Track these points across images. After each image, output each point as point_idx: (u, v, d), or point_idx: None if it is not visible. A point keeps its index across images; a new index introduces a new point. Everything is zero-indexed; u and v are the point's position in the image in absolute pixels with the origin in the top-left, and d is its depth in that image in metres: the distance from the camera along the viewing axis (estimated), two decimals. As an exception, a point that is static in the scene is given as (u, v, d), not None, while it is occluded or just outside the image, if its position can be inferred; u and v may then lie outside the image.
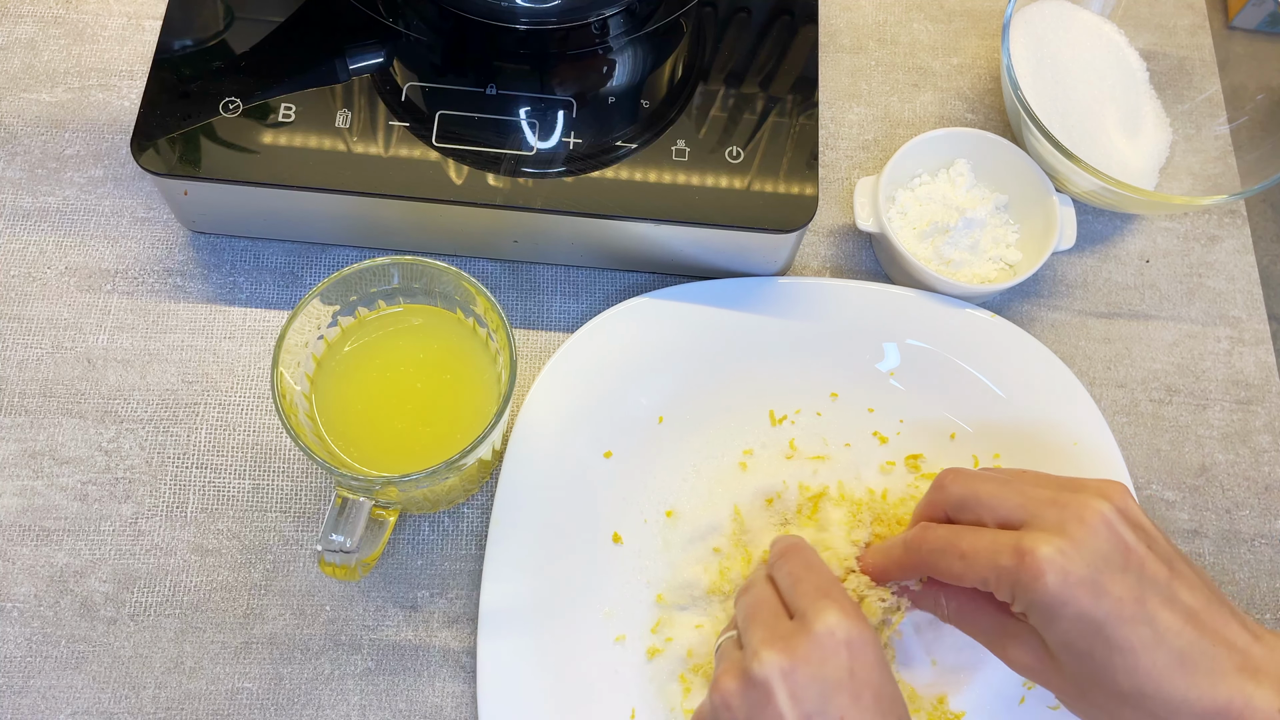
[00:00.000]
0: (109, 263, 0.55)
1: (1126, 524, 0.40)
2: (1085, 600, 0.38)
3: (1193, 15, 0.64)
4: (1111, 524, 0.39)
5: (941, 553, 0.42)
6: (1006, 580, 0.39)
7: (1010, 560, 0.39)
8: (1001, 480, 0.43)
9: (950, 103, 0.62)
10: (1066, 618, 0.38)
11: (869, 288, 0.55)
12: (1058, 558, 0.38)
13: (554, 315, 0.56)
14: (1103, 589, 0.38)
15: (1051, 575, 0.38)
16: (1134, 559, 0.39)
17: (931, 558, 0.42)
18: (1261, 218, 1.22)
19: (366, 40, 0.54)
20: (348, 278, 0.45)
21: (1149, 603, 0.38)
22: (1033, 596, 0.38)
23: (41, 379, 0.53)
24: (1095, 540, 0.39)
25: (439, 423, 0.47)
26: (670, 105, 0.54)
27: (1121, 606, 0.38)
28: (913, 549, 0.44)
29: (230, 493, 0.51)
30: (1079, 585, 0.38)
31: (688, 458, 0.52)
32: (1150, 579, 0.39)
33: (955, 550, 0.41)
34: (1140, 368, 0.57)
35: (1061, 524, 0.39)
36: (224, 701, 0.48)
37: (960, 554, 0.41)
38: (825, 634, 0.39)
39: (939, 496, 0.44)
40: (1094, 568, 0.38)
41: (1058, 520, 0.39)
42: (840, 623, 0.39)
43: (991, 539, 0.40)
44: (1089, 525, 0.39)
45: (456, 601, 0.50)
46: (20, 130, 0.58)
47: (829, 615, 0.39)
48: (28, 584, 0.49)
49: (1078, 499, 0.40)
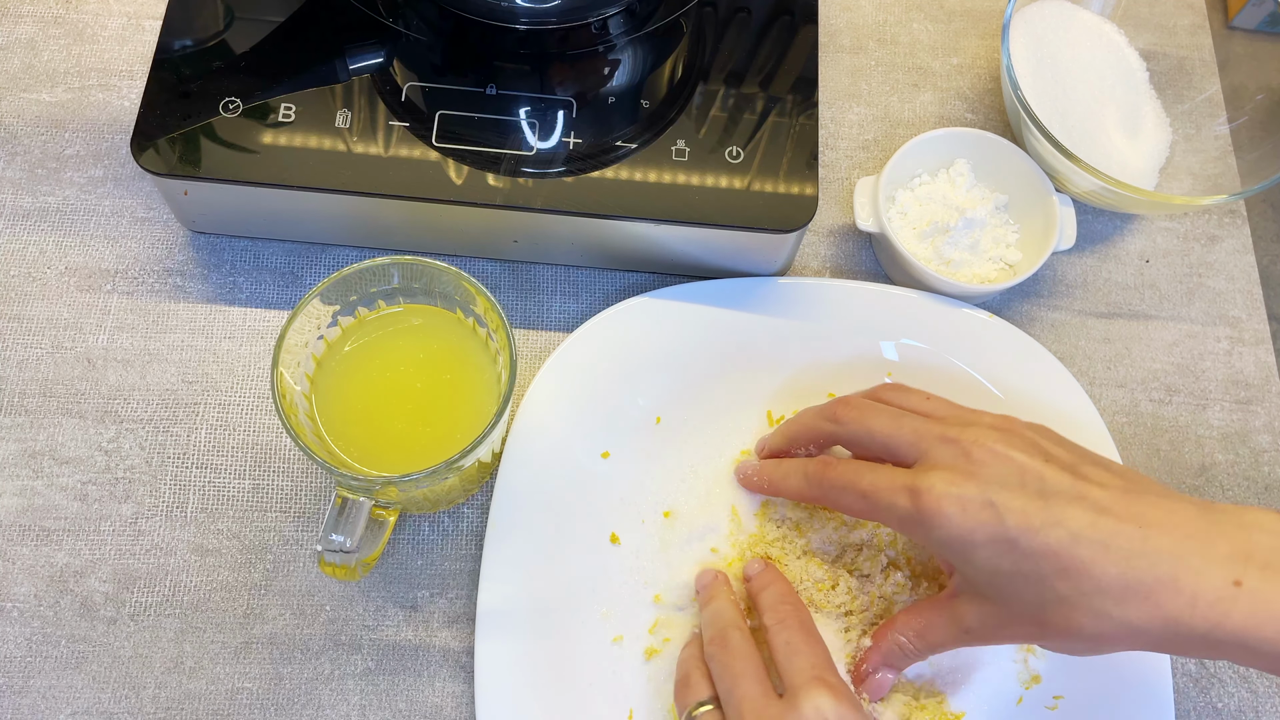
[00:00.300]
0: (109, 263, 0.55)
1: (1016, 447, 0.39)
2: (990, 523, 0.37)
3: (1193, 15, 0.64)
4: (998, 450, 0.39)
5: (842, 489, 0.42)
6: (908, 519, 0.39)
7: (907, 501, 0.39)
8: (893, 415, 0.43)
9: (950, 103, 0.62)
10: (979, 545, 0.38)
11: (869, 288, 0.55)
12: (951, 489, 0.38)
13: (554, 315, 0.56)
14: (1003, 507, 0.37)
15: (949, 508, 0.38)
16: (1030, 475, 0.38)
17: (833, 493, 0.43)
18: (1261, 218, 1.22)
19: (366, 40, 0.54)
20: (348, 278, 0.45)
21: (1054, 507, 0.37)
22: (939, 534, 0.38)
23: (41, 379, 0.53)
24: (985, 468, 0.39)
25: (439, 423, 0.47)
26: (670, 105, 0.54)
27: (1027, 518, 0.37)
28: (814, 482, 0.44)
29: (230, 493, 0.51)
30: (979, 510, 0.38)
31: (685, 458, 0.52)
32: (1051, 487, 0.38)
33: (856, 489, 0.41)
34: (1140, 368, 0.57)
35: (951, 458, 0.39)
36: (224, 701, 0.48)
37: (861, 493, 0.41)
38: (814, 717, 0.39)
39: (832, 429, 0.44)
40: (989, 491, 0.38)
41: (948, 455, 0.40)
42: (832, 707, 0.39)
43: (889, 478, 0.40)
44: (976, 455, 0.39)
45: (456, 601, 0.50)
46: (20, 130, 0.58)
47: (819, 699, 0.39)
48: (28, 584, 0.49)
49: (968, 432, 0.40)
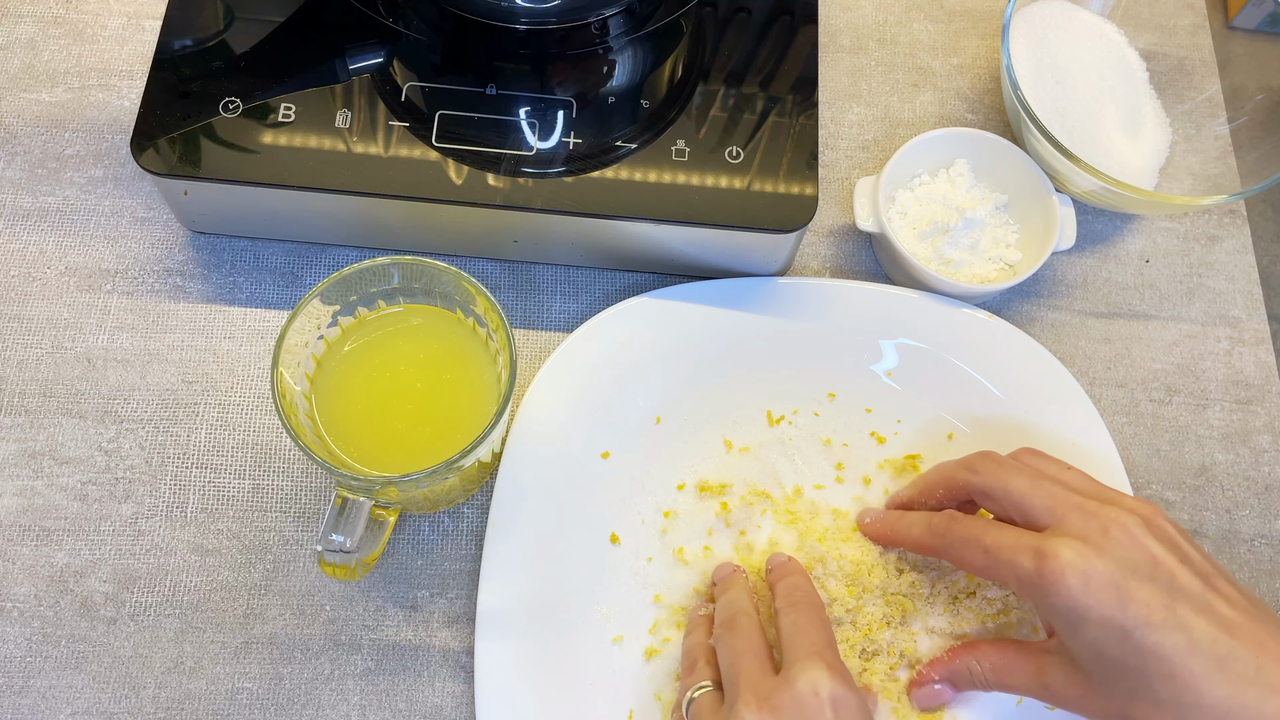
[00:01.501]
0: (109, 263, 0.55)
1: (1155, 538, 0.39)
2: (1110, 605, 0.37)
3: (1193, 15, 0.64)
4: (1137, 536, 0.38)
5: (965, 543, 0.41)
6: (1028, 582, 0.39)
7: (1031, 562, 0.38)
8: (1033, 476, 0.42)
9: (950, 103, 0.62)
10: (1092, 623, 0.37)
11: (868, 288, 0.55)
12: (1079, 561, 0.37)
13: (553, 315, 0.56)
14: (1128, 594, 0.37)
15: (1073, 579, 0.37)
16: (1162, 570, 0.38)
17: (955, 546, 0.42)
18: (1261, 218, 1.22)
19: (366, 40, 0.54)
20: (348, 278, 0.45)
21: (1179, 610, 0.37)
22: (1055, 601, 0.38)
23: (41, 379, 0.53)
24: (1120, 549, 0.38)
25: (439, 423, 0.47)
26: (670, 105, 0.54)
27: (1150, 612, 0.37)
28: (937, 533, 0.43)
29: (230, 493, 0.51)
30: (1102, 589, 0.37)
31: (685, 458, 0.52)
32: (1181, 589, 0.37)
33: (979, 544, 0.41)
34: (1140, 368, 0.57)
35: (1085, 530, 0.39)
36: (224, 701, 0.48)
37: (984, 548, 0.40)
38: (809, 693, 0.38)
39: (967, 478, 0.44)
40: (1118, 573, 0.37)
41: (1082, 526, 0.39)
42: (825, 681, 0.38)
43: (1015, 538, 0.40)
44: (1113, 534, 0.38)
45: (456, 601, 0.50)
46: (20, 130, 0.58)
47: (814, 672, 0.39)
48: (28, 584, 0.49)
49: (1105, 509, 0.39)
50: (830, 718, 0.38)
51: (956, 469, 0.45)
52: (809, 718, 0.38)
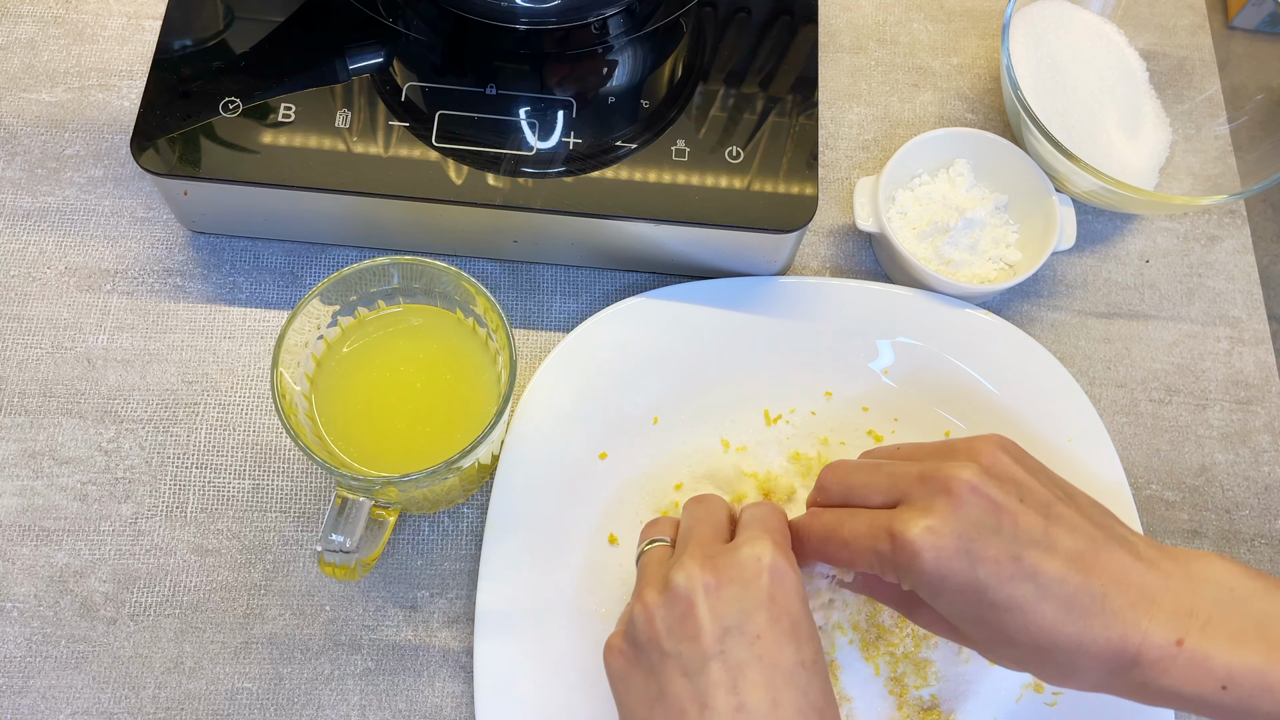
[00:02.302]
0: (109, 263, 0.55)
1: (994, 482, 0.39)
2: (962, 571, 0.38)
3: (1193, 15, 0.64)
4: (977, 488, 0.39)
5: (827, 540, 0.42)
6: (888, 564, 0.40)
7: (886, 544, 0.39)
8: (872, 466, 0.43)
9: (950, 103, 0.62)
10: (949, 590, 0.38)
11: (869, 287, 0.55)
12: (928, 535, 0.38)
13: (553, 315, 0.56)
14: (976, 555, 0.38)
15: (926, 553, 0.38)
16: (1006, 517, 0.39)
17: (819, 545, 0.43)
18: (1261, 218, 1.22)
19: (366, 40, 0.54)
20: (348, 278, 0.45)
21: (1026, 558, 0.38)
22: (915, 577, 0.39)
23: (41, 379, 0.53)
24: (963, 508, 0.39)
25: (439, 423, 0.47)
26: (670, 105, 0.54)
27: (999, 568, 0.38)
28: (801, 536, 0.44)
29: (230, 493, 0.51)
30: (953, 557, 0.38)
31: (683, 458, 0.52)
32: (1025, 533, 0.38)
33: (838, 538, 0.42)
34: (1140, 368, 0.57)
35: (929, 499, 0.39)
36: (224, 701, 0.48)
37: (843, 541, 0.41)
38: (751, 558, 0.40)
39: (820, 497, 0.45)
40: (964, 536, 0.38)
41: (925, 496, 0.40)
42: (769, 552, 0.40)
43: (869, 522, 0.41)
44: (955, 495, 0.39)
45: (456, 601, 0.50)
46: (20, 130, 0.58)
47: (760, 544, 0.40)
48: (28, 584, 0.49)
49: (942, 469, 0.40)
50: (766, 583, 0.39)
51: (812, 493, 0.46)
52: (746, 579, 0.39)
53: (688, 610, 0.39)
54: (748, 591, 0.39)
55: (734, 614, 0.38)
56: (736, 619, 0.38)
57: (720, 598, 0.39)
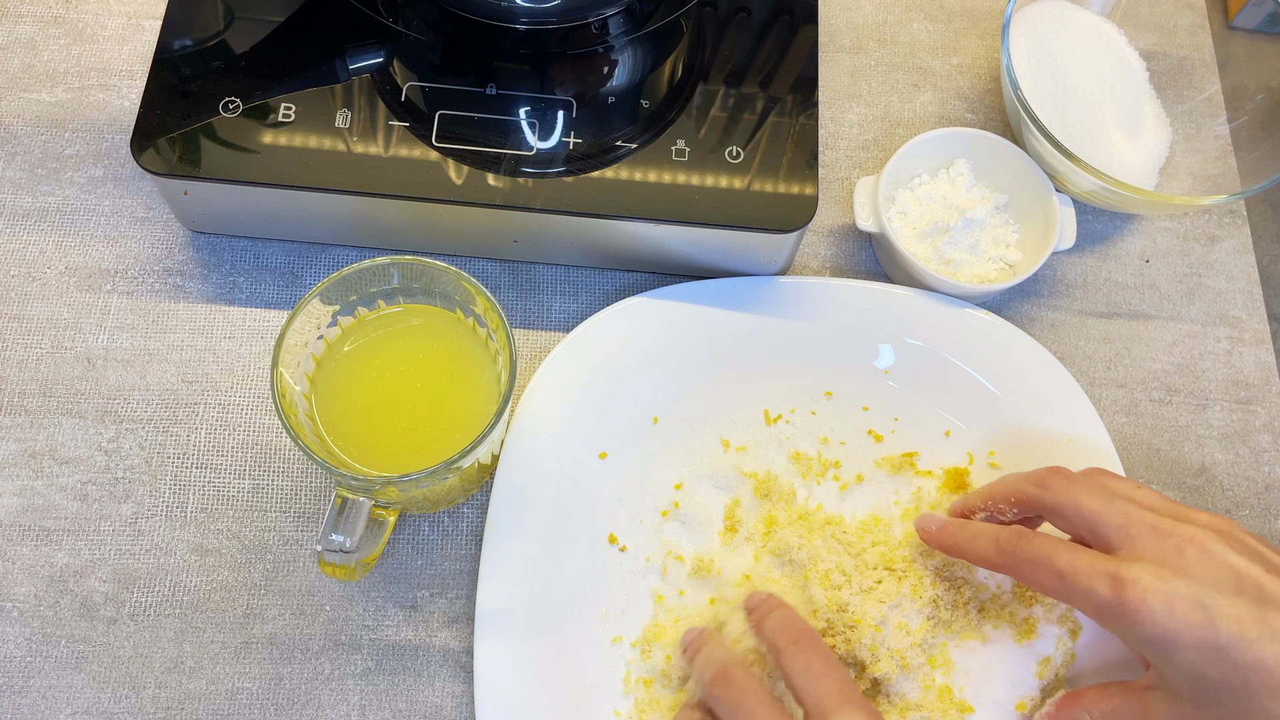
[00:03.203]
0: (109, 263, 0.55)
1: (1234, 550, 0.37)
2: (1200, 626, 0.35)
3: (1193, 15, 0.64)
4: (1215, 552, 0.37)
5: (1036, 564, 0.40)
6: (1108, 612, 0.37)
7: (1109, 590, 0.37)
8: (1105, 494, 0.41)
9: (950, 103, 0.62)
10: (1184, 648, 0.36)
11: (869, 287, 0.55)
12: (1159, 585, 0.36)
13: (553, 315, 0.56)
14: (1216, 612, 0.35)
15: (1157, 605, 0.36)
16: (1248, 582, 0.36)
17: (1024, 567, 0.40)
18: (1261, 218, 1.22)
19: (366, 40, 0.54)
20: (348, 278, 0.45)
21: (1273, 620, 0.35)
22: (1142, 630, 0.36)
23: (41, 379, 0.53)
24: (1199, 567, 0.36)
25: (439, 423, 0.47)
26: (670, 105, 0.54)
27: (1243, 627, 0.35)
28: (1006, 551, 0.41)
29: (230, 493, 0.51)
30: (1189, 611, 0.36)
31: (682, 458, 0.52)
32: (1271, 598, 0.36)
33: (1052, 567, 0.39)
34: (1140, 368, 0.57)
35: (1161, 551, 0.37)
36: (224, 701, 0.48)
37: (1057, 572, 0.39)
38: None
39: (1036, 493, 0.42)
40: (1202, 592, 0.36)
41: (1158, 546, 0.37)
42: None
43: (1090, 562, 0.38)
44: (1190, 553, 0.37)
45: (456, 601, 0.50)
46: (20, 130, 0.58)
47: None
48: (28, 584, 0.49)
49: (1180, 527, 0.38)
50: None
51: (1025, 483, 0.43)
52: None
53: None
54: None
55: None
56: None
57: None
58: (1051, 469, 0.43)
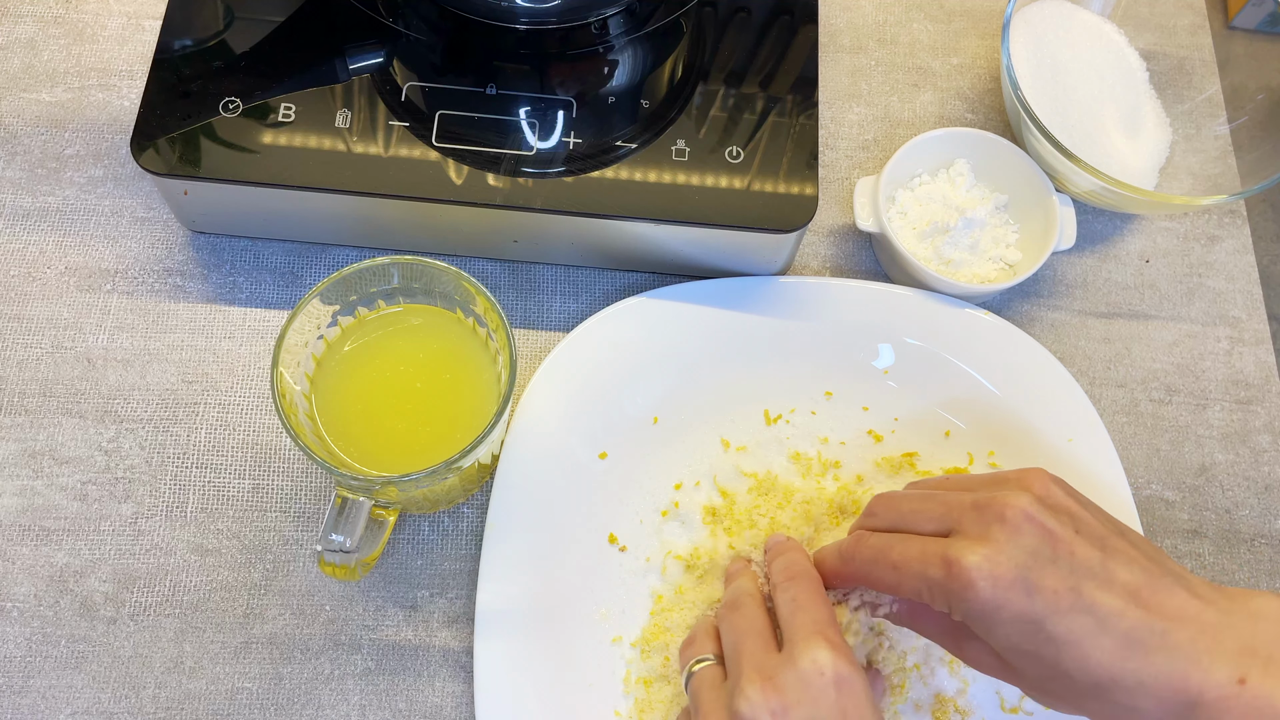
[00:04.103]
0: (109, 263, 0.55)
1: (1049, 512, 0.39)
2: (1019, 601, 0.37)
3: (1193, 15, 0.64)
4: (1033, 516, 0.38)
5: (874, 563, 0.41)
6: (939, 592, 0.39)
7: (939, 571, 0.38)
8: (923, 496, 0.42)
9: (950, 103, 0.62)
10: (1004, 621, 0.37)
11: (869, 287, 0.55)
12: (984, 564, 0.37)
13: (553, 315, 0.56)
14: (1034, 586, 0.37)
15: (981, 582, 0.37)
16: (1062, 547, 0.38)
17: (865, 568, 0.42)
18: (1261, 218, 1.22)
19: (366, 40, 0.54)
20: (348, 278, 0.45)
21: (1084, 590, 0.37)
22: (967, 606, 0.38)
23: (41, 379, 0.53)
24: (1020, 537, 0.38)
25: (439, 423, 0.47)
26: (670, 105, 0.54)
27: (1057, 599, 0.37)
28: (847, 558, 0.43)
29: (230, 493, 0.51)
30: (1010, 587, 0.37)
31: (682, 458, 0.52)
32: (1082, 564, 0.38)
33: (887, 561, 0.41)
34: (1140, 368, 0.57)
35: (985, 527, 0.38)
36: (224, 701, 0.48)
37: (892, 564, 0.40)
38: (814, 673, 0.38)
39: (868, 523, 0.44)
40: (1022, 566, 0.37)
41: (980, 524, 0.39)
42: (830, 661, 0.38)
43: (920, 548, 0.40)
44: (1011, 523, 0.38)
45: (456, 601, 0.50)
46: (20, 130, 0.58)
47: (818, 651, 0.38)
48: (28, 584, 0.49)
49: (997, 498, 0.39)
50: (834, 698, 0.38)
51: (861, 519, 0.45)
52: (813, 697, 0.38)
53: None
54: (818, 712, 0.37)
55: None
56: None
57: None
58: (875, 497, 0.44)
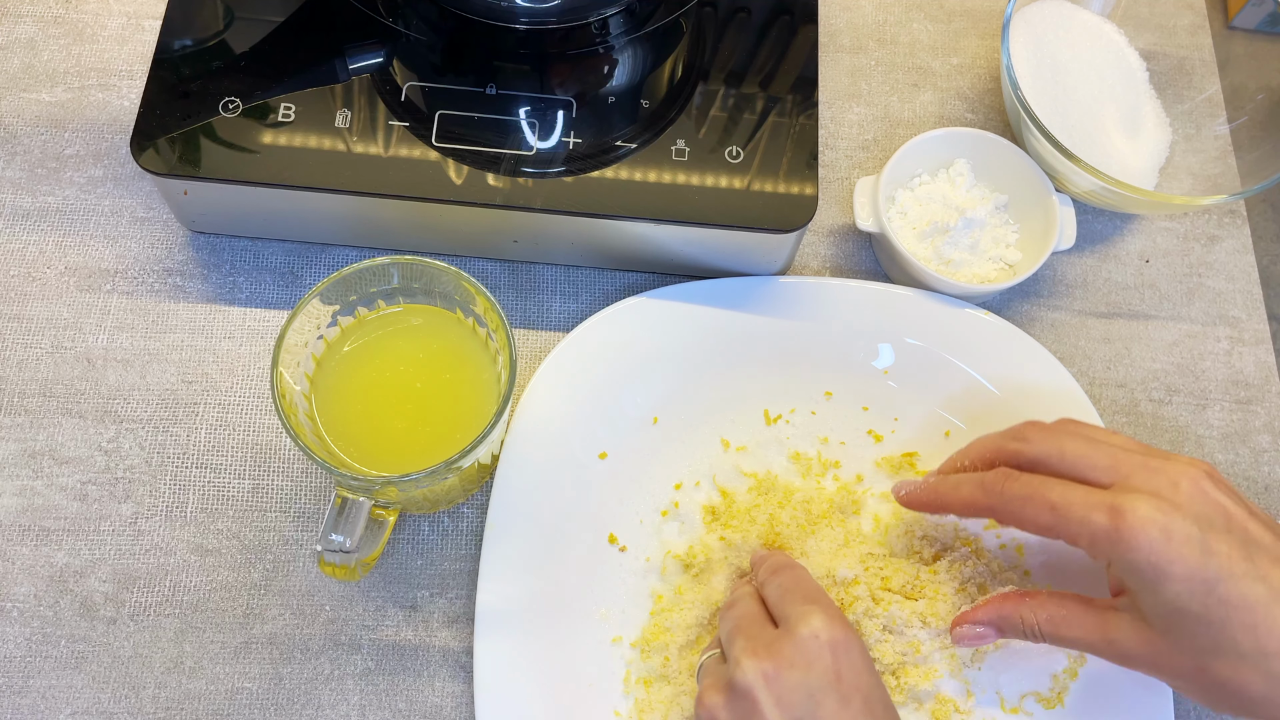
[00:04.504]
0: (109, 263, 0.55)
1: (1222, 491, 0.38)
2: (1193, 558, 0.36)
3: (1193, 15, 0.64)
4: (1206, 489, 0.38)
5: (1027, 500, 0.40)
6: (1103, 540, 0.38)
7: (1105, 518, 0.38)
8: (1088, 439, 0.41)
9: (950, 103, 0.62)
10: (1175, 577, 0.37)
11: (869, 287, 0.55)
12: (1158, 515, 0.37)
13: (553, 315, 0.56)
14: (1209, 547, 0.36)
15: (1155, 532, 0.37)
16: (1236, 522, 0.38)
17: (1014, 504, 0.40)
18: (1261, 218, 1.22)
19: (366, 40, 0.54)
20: (347, 278, 0.45)
21: (1259, 560, 0.37)
22: (1135, 556, 0.37)
23: (41, 379, 0.53)
24: (1193, 503, 0.38)
25: (439, 423, 0.47)
26: (670, 105, 0.54)
27: (1231, 564, 0.36)
28: (993, 491, 0.41)
29: (230, 493, 0.51)
30: (1185, 543, 0.36)
31: (682, 458, 0.52)
32: (1255, 540, 0.37)
33: (1044, 500, 0.39)
34: (1140, 368, 0.57)
35: (1156, 485, 0.38)
36: (224, 701, 0.48)
37: (1050, 505, 0.39)
38: (808, 637, 0.38)
39: (1018, 447, 0.42)
40: (1196, 527, 0.37)
41: (1151, 482, 0.38)
42: (824, 625, 0.38)
43: (1085, 495, 0.39)
44: (1185, 488, 0.38)
45: (456, 601, 0.50)
46: (20, 130, 0.58)
47: (812, 619, 0.39)
48: (28, 584, 0.49)
49: (1169, 465, 0.39)
50: (829, 660, 0.38)
51: (1005, 439, 0.43)
52: (807, 661, 0.38)
53: (751, 706, 0.37)
54: (812, 674, 0.37)
55: (801, 701, 0.37)
56: (805, 707, 0.37)
57: (784, 685, 0.37)
58: (1027, 423, 0.43)
